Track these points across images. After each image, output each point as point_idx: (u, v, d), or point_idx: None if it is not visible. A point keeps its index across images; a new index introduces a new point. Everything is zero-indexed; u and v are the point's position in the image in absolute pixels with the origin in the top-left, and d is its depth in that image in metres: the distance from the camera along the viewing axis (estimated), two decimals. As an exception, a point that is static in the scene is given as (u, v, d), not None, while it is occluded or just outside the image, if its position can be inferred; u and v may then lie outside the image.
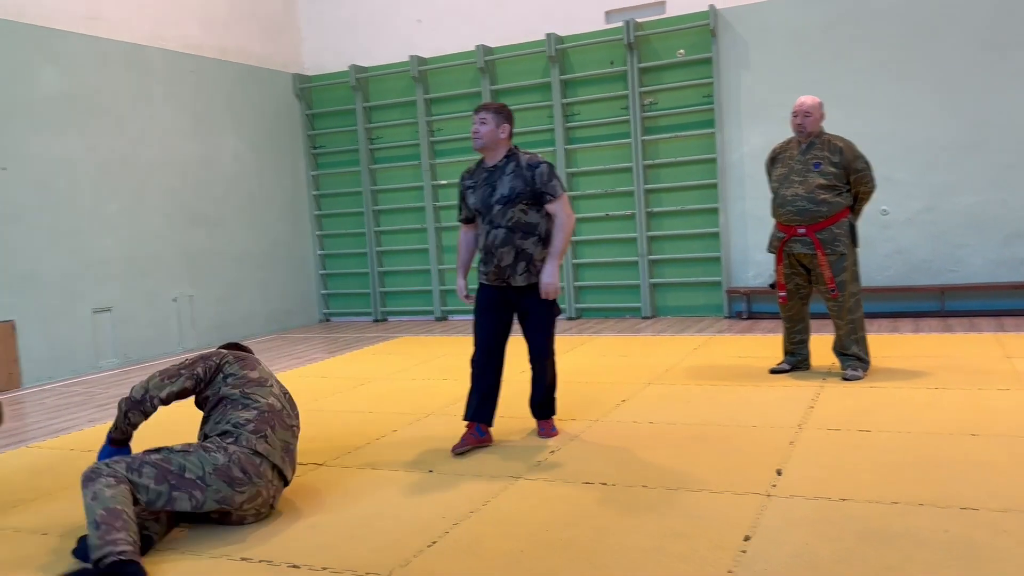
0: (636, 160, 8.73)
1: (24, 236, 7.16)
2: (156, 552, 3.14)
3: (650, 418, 4.67)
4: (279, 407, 3.51)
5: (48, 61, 7.44)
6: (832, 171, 5.17)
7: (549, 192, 4.11)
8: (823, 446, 3.93)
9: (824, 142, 5.26)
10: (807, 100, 5.27)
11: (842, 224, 5.20)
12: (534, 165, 4.13)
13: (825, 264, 5.17)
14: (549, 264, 4.13)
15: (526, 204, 4.11)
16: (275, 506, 3.48)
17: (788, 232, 5.28)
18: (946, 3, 7.64)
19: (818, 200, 5.15)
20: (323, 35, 10.31)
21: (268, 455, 3.33)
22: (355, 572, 2.87)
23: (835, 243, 5.17)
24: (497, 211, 4.12)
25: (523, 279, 4.16)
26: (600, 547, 2.95)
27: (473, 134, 4.17)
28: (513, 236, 4.10)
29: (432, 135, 9.74)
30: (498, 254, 4.13)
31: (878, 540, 2.83)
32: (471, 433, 4.27)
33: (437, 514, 3.37)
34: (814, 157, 5.22)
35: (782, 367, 5.59)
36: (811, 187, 5.17)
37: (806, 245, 5.23)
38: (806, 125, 5.25)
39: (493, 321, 4.29)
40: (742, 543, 2.89)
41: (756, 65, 8.33)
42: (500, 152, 4.18)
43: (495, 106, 4.19)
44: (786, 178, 5.30)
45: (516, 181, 4.10)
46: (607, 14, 8.94)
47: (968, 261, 7.75)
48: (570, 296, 9.18)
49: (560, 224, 4.14)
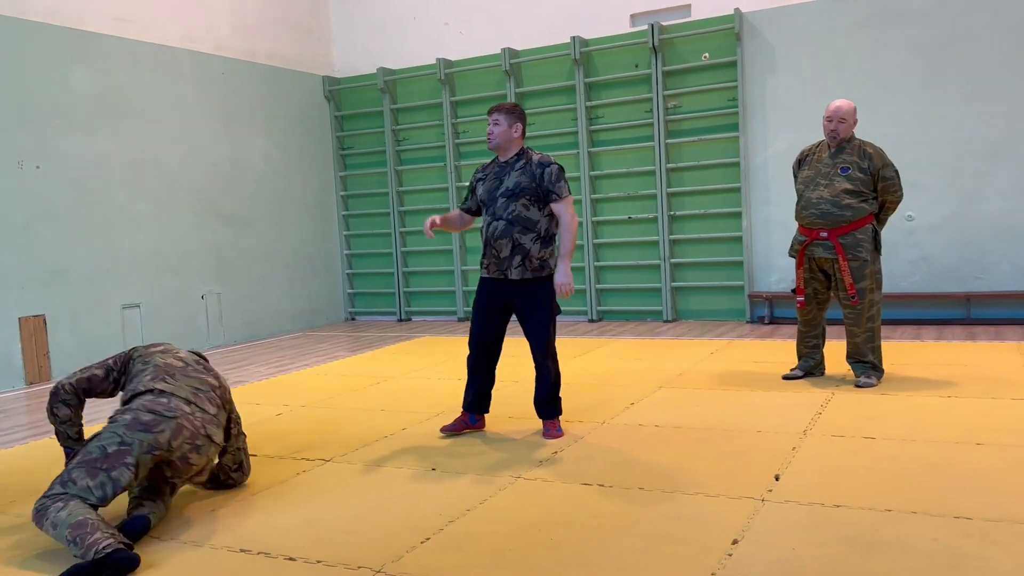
0: (659, 163, 8.72)
1: (56, 233, 7.36)
2: (158, 542, 3.24)
3: (656, 421, 4.68)
4: (180, 366, 3.57)
5: (80, 62, 7.65)
6: (860, 177, 5.11)
7: (556, 192, 4.24)
8: (825, 452, 3.92)
9: (854, 147, 5.20)
10: (843, 105, 5.18)
11: (866, 230, 5.14)
12: (545, 164, 4.28)
13: (847, 270, 5.11)
14: (561, 264, 4.26)
15: (529, 200, 4.24)
16: (218, 440, 3.49)
17: (810, 235, 5.24)
18: (976, 5, 7.53)
19: (842, 204, 5.10)
20: (353, 38, 10.45)
21: (173, 391, 3.41)
22: (348, 566, 2.94)
23: (857, 248, 5.11)
24: (500, 203, 4.27)
25: (518, 272, 4.27)
26: (589, 547, 2.98)
27: (488, 135, 4.36)
28: (512, 229, 4.24)
29: (458, 137, 9.82)
30: (496, 245, 4.29)
31: (865, 547, 2.83)
32: (463, 419, 4.58)
33: (434, 511, 3.43)
34: (843, 161, 5.16)
35: (795, 373, 5.53)
36: (836, 191, 5.11)
37: (827, 249, 5.18)
38: (840, 131, 5.18)
39: (487, 322, 4.45)
40: (730, 547, 2.91)
41: (781, 69, 8.28)
42: (512, 150, 4.35)
43: (507, 107, 4.34)
44: (812, 180, 5.26)
45: (523, 177, 4.25)
46: (632, 17, 8.95)
47: (995, 268, 7.63)
48: (591, 298, 9.20)
49: (566, 225, 4.27)
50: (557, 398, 4.51)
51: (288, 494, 3.76)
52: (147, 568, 3.01)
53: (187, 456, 3.38)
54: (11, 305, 7.00)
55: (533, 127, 9.43)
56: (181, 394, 3.45)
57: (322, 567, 2.95)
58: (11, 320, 6.99)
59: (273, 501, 3.68)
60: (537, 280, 4.32)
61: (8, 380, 6.95)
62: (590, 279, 9.17)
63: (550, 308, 4.36)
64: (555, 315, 4.41)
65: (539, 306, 4.33)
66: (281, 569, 2.95)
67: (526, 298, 4.33)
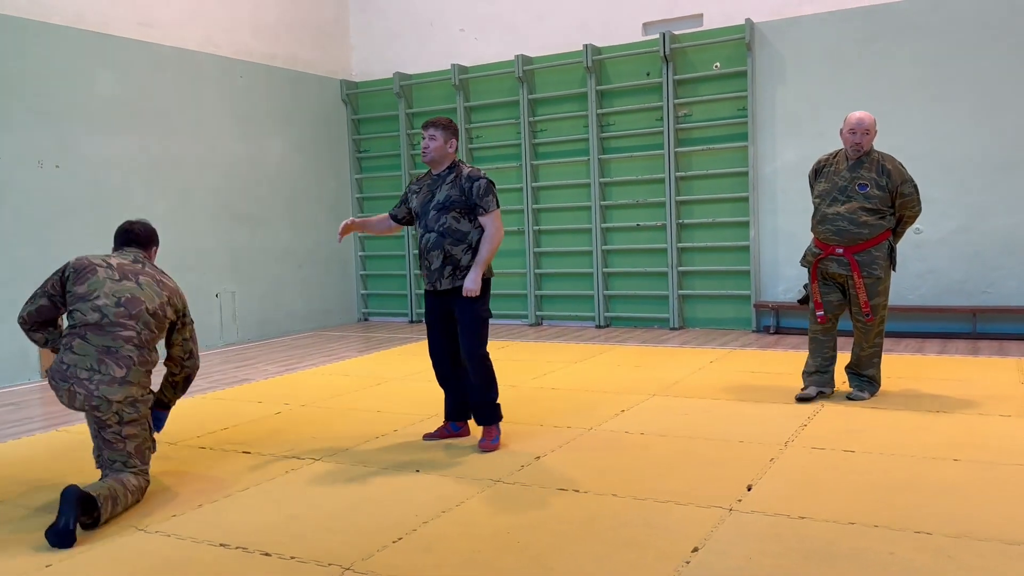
0: (669, 171, 8.78)
1: (74, 231, 7.57)
2: (143, 535, 3.38)
3: (642, 429, 4.75)
4: (96, 319, 3.71)
5: (104, 65, 7.86)
6: (878, 194, 5.01)
7: (482, 206, 4.39)
8: (802, 464, 3.97)
9: (873, 161, 5.08)
10: (866, 117, 5.07)
11: (882, 247, 5.07)
12: (474, 178, 4.41)
13: (862, 287, 5.04)
14: (473, 271, 4.35)
15: (459, 212, 4.38)
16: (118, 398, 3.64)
17: (825, 250, 5.15)
18: (987, 20, 7.51)
19: (859, 222, 5.01)
20: (371, 43, 10.61)
21: (77, 361, 3.66)
22: (319, 562, 3.05)
23: (872, 266, 5.04)
24: (432, 216, 4.41)
25: (448, 283, 4.40)
26: (554, 552, 3.07)
27: (423, 149, 4.45)
28: (443, 241, 4.37)
29: (471, 142, 9.93)
30: (429, 257, 4.42)
31: (821, 559, 2.89)
32: (445, 427, 4.70)
33: (411, 512, 3.53)
34: (861, 178, 5.05)
35: (808, 393, 5.24)
36: (854, 208, 5.02)
37: (842, 266, 5.10)
38: (864, 144, 5.06)
39: (438, 335, 4.58)
40: (689, 554, 2.98)
41: (791, 79, 8.30)
42: (445, 164, 4.48)
43: (443, 122, 4.45)
44: (828, 194, 5.14)
45: (453, 190, 4.39)
46: (645, 26, 9.01)
47: (1002, 283, 7.60)
48: (599, 304, 9.27)
49: (488, 236, 4.40)
50: (494, 404, 4.50)
51: (274, 491, 3.89)
52: (128, 559, 3.14)
53: (92, 412, 3.67)
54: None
55: (545, 133, 9.54)
56: (84, 364, 3.66)
57: (295, 563, 3.06)
58: (28, 315, 7.21)
59: (258, 498, 3.81)
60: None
61: (24, 373, 7.17)
62: (598, 285, 9.25)
63: (479, 311, 4.42)
64: (485, 316, 4.47)
65: (468, 310, 4.41)
66: (255, 564, 3.07)
67: (457, 304, 4.43)
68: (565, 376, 6.47)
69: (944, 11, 7.65)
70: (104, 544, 3.30)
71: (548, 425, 4.92)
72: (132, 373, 3.72)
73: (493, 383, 4.51)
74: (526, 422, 5.01)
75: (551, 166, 9.53)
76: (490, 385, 4.49)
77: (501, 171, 9.80)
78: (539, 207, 9.61)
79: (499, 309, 9.98)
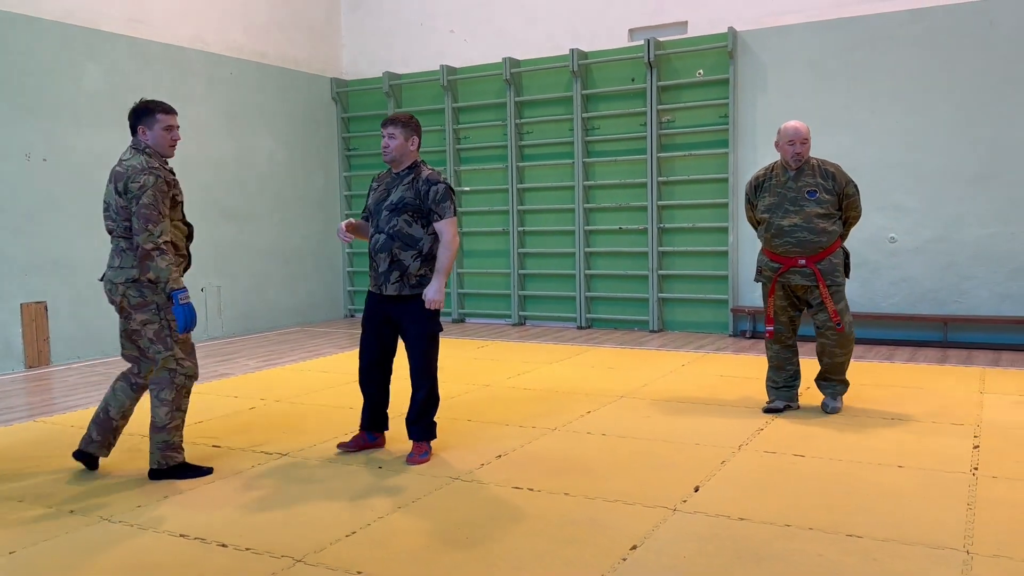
0: (651, 176, 8.89)
1: (60, 223, 7.68)
2: (107, 524, 3.50)
3: (605, 430, 4.87)
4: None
5: (93, 60, 7.97)
6: (828, 199, 4.99)
7: (439, 212, 4.18)
8: (750, 468, 4.09)
9: (813, 168, 5.05)
10: (803, 127, 5.03)
11: (838, 253, 5.08)
12: (433, 182, 4.21)
13: (828, 296, 4.97)
14: (435, 281, 4.19)
15: (411, 215, 4.18)
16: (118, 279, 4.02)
17: (786, 263, 5.04)
18: (965, 34, 7.62)
19: (818, 230, 4.96)
20: (362, 42, 10.72)
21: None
22: (272, 554, 3.17)
23: (835, 273, 5.02)
24: (384, 216, 4.22)
25: (394, 288, 4.21)
26: (499, 547, 3.19)
27: (383, 148, 4.25)
28: (392, 243, 4.19)
29: (458, 142, 10.05)
30: (377, 259, 4.25)
31: (752, 560, 3.01)
32: (361, 436, 4.52)
33: (367, 507, 3.65)
34: (807, 185, 5.01)
35: (776, 405, 5.19)
36: (809, 217, 4.97)
37: (806, 277, 5.02)
38: (803, 154, 5.03)
39: (372, 339, 4.40)
40: (628, 552, 3.10)
41: (772, 88, 8.41)
42: (406, 162, 4.28)
43: (402, 119, 4.25)
44: (778, 207, 5.05)
45: (408, 192, 4.20)
46: (630, 32, 9.12)
47: (974, 293, 7.72)
48: (580, 306, 9.39)
49: (446, 243, 4.20)
50: (430, 422, 4.37)
51: (239, 485, 4.00)
52: (90, 549, 3.26)
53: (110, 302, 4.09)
54: (14, 291, 7.33)
55: (531, 135, 9.65)
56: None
57: (249, 554, 3.18)
58: (13, 306, 7.32)
59: (222, 491, 3.92)
60: (416, 297, 4.23)
61: (7, 363, 7.28)
62: (580, 287, 9.37)
63: (429, 324, 4.26)
64: (435, 332, 4.30)
65: (418, 323, 4.24)
66: (211, 554, 3.19)
67: (405, 315, 4.26)
68: (540, 376, 6.59)
69: (923, 24, 7.77)
70: (68, 534, 3.42)
71: (514, 424, 5.04)
72: (124, 259, 4.01)
73: (435, 402, 4.37)
74: (494, 421, 5.13)
75: (536, 168, 9.64)
76: (432, 405, 4.36)
77: (487, 172, 9.92)
78: (524, 208, 9.72)
79: (483, 309, 10.11)
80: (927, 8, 7.76)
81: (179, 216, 4.12)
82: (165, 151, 4.09)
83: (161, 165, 4.04)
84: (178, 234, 4.11)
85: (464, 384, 6.28)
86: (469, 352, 7.82)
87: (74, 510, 3.69)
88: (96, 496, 3.87)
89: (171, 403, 4.02)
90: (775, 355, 5.24)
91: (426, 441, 4.38)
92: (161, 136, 4.06)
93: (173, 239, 4.03)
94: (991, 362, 6.88)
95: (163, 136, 4.06)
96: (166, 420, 4.03)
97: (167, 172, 4.04)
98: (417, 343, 4.29)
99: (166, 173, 4.03)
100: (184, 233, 4.16)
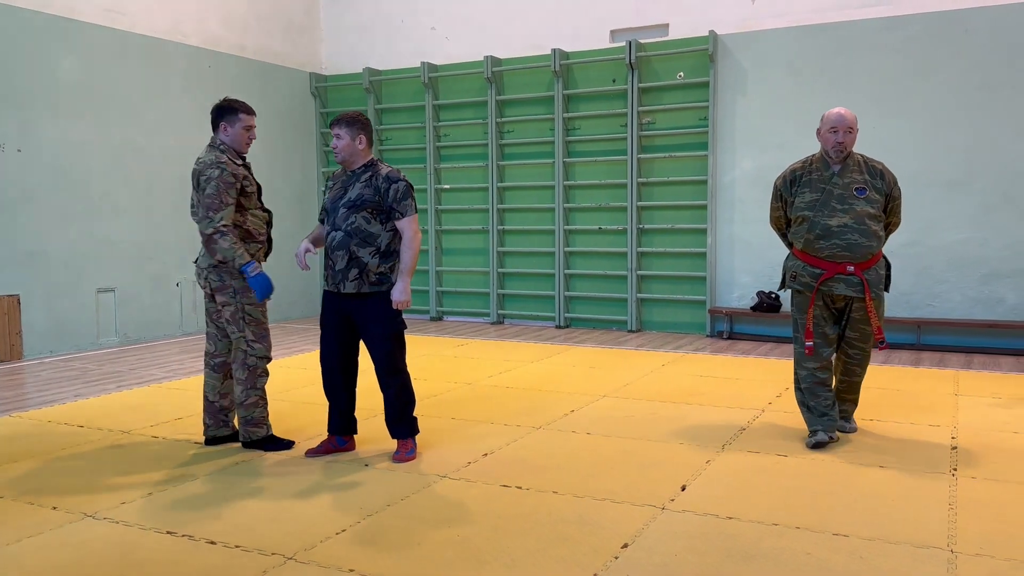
0: (631, 177, 8.94)
1: (34, 216, 7.56)
2: (92, 520, 3.45)
3: (589, 429, 4.89)
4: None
5: (69, 51, 7.84)
6: (877, 198, 4.39)
7: (400, 210, 4.14)
8: (736, 467, 4.13)
9: (858, 163, 4.45)
10: (848, 114, 4.40)
11: (882, 263, 4.51)
12: (393, 179, 4.16)
13: (873, 310, 4.39)
14: (401, 281, 4.14)
15: (370, 212, 4.12)
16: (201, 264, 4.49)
17: (831, 269, 4.38)
18: (941, 42, 7.75)
19: (870, 232, 4.34)
20: (342, 37, 10.66)
21: None
22: (262, 552, 3.15)
23: (879, 285, 4.46)
24: (341, 214, 4.16)
25: (353, 286, 4.14)
26: (490, 545, 3.19)
27: (333, 149, 4.21)
28: (350, 241, 4.12)
29: (439, 140, 10.03)
30: (333, 256, 4.18)
31: (742, 558, 3.04)
32: (330, 441, 4.43)
33: (356, 505, 3.64)
34: (856, 182, 4.39)
35: (821, 438, 4.42)
36: (860, 217, 4.34)
37: (852, 286, 4.38)
38: (847, 144, 4.38)
39: (332, 340, 4.31)
40: (619, 550, 3.12)
41: (752, 91, 8.50)
42: (359, 161, 4.23)
43: (348, 118, 4.19)
44: (824, 204, 4.39)
45: (367, 189, 4.14)
46: (612, 33, 9.16)
47: (946, 297, 7.86)
48: (560, 305, 9.42)
49: (408, 241, 4.15)
50: (410, 417, 4.31)
51: (224, 481, 3.97)
52: (75, 545, 3.22)
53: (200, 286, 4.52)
54: (-14, 284, 7.20)
55: (512, 134, 9.66)
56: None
57: (239, 552, 3.16)
58: (-15, 299, 7.19)
59: (208, 487, 3.89)
60: (376, 295, 4.17)
61: (-21, 357, 7.15)
62: (560, 286, 9.40)
63: (392, 324, 4.20)
64: (400, 330, 4.25)
65: (379, 322, 4.18)
66: (200, 551, 3.16)
67: (365, 313, 4.19)
68: (521, 375, 6.60)
69: (899, 31, 7.89)
70: (53, 531, 3.37)
71: (499, 423, 5.05)
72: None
73: (410, 398, 4.31)
74: (478, 419, 5.13)
75: (517, 167, 9.65)
76: (407, 401, 4.29)
77: (467, 170, 9.91)
78: (504, 207, 9.72)
79: (461, 307, 10.10)
80: (904, 16, 7.88)
81: (255, 204, 4.45)
82: (241, 148, 4.46)
83: (231, 159, 4.37)
84: (256, 221, 4.46)
85: (446, 382, 6.28)
86: (449, 350, 7.81)
87: (56, 507, 3.64)
88: (79, 492, 3.82)
89: (244, 382, 4.40)
90: (810, 375, 4.52)
91: (411, 437, 4.34)
92: (240, 135, 4.45)
93: (250, 225, 4.41)
94: (964, 364, 7.01)
95: (242, 135, 4.45)
96: (242, 398, 4.42)
97: (236, 166, 4.36)
98: (381, 343, 4.21)
99: (235, 167, 4.35)
100: (264, 220, 4.51)
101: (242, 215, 4.37)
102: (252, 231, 4.42)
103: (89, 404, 5.68)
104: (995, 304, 7.68)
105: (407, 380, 4.33)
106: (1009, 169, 7.61)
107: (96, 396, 5.94)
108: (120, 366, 7.16)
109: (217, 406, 4.57)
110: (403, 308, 4.18)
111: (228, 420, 4.62)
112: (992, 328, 7.60)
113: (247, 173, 4.40)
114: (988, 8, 7.59)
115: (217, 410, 4.58)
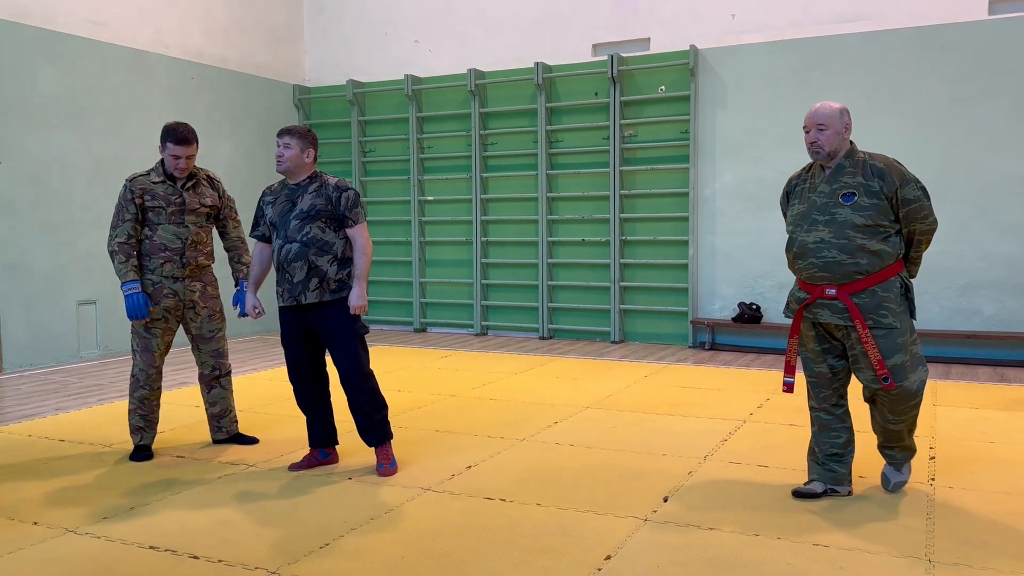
0: (613, 189, 9.01)
1: (14, 228, 7.51)
2: (73, 536, 3.43)
3: (572, 440, 4.92)
4: None
5: (49, 62, 7.82)
6: (872, 203, 3.61)
7: (352, 218, 4.22)
8: (717, 478, 4.17)
9: (857, 164, 3.69)
10: (822, 107, 3.72)
11: (891, 284, 3.65)
12: (343, 188, 4.23)
13: (869, 342, 3.60)
14: (357, 286, 4.20)
15: (324, 222, 4.18)
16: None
17: (813, 292, 3.74)
18: (917, 56, 7.88)
19: (853, 248, 3.60)
20: (325, 49, 10.68)
21: None
22: (246, 566, 3.15)
23: (880, 311, 3.61)
24: (294, 226, 4.18)
25: (315, 295, 4.17)
26: (473, 558, 3.20)
27: (277, 157, 4.23)
28: (307, 251, 4.15)
29: (422, 152, 10.06)
30: (290, 268, 4.18)
31: (723, 568, 3.08)
32: (312, 455, 4.45)
33: (340, 518, 3.64)
34: (844, 186, 3.66)
35: (812, 488, 3.86)
36: (840, 229, 3.63)
37: (837, 312, 3.67)
38: (823, 143, 3.69)
39: (299, 355, 4.34)
40: (602, 562, 3.14)
41: (732, 105, 8.59)
42: (303, 174, 4.27)
43: (300, 131, 4.24)
44: (806, 217, 3.75)
45: (318, 199, 4.18)
46: (594, 47, 9.24)
47: (925, 308, 7.95)
48: (543, 316, 9.45)
49: (360, 248, 4.23)
50: (383, 422, 4.31)
51: (208, 495, 3.96)
52: (58, 560, 3.20)
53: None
54: (-35, 297, 7.14)
55: (495, 147, 9.70)
56: None
57: (222, 566, 3.15)
58: (-36, 312, 7.13)
59: (190, 502, 3.88)
60: (336, 302, 4.21)
61: (-42, 370, 7.09)
62: (543, 297, 9.43)
63: (353, 329, 4.24)
64: (362, 334, 4.28)
65: (342, 328, 4.21)
66: (183, 566, 3.15)
67: (327, 322, 4.22)
68: (505, 387, 6.62)
69: (877, 45, 8.01)
70: (35, 547, 3.35)
71: (482, 435, 5.06)
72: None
73: (381, 402, 4.32)
74: (461, 432, 5.14)
75: (500, 179, 9.70)
76: (378, 405, 4.30)
77: (451, 182, 9.94)
78: (487, 219, 9.76)
79: (445, 318, 10.12)
80: (880, 31, 8.01)
81: (165, 220, 4.56)
82: (172, 172, 4.63)
83: (150, 174, 4.61)
84: (167, 235, 4.57)
85: (430, 394, 6.29)
86: (432, 362, 7.82)
87: (37, 522, 3.62)
88: (60, 507, 3.80)
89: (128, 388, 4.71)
90: (814, 416, 3.95)
91: (387, 442, 4.33)
92: (168, 160, 4.61)
93: (159, 239, 4.54)
94: (942, 375, 7.10)
95: (169, 160, 4.60)
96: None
97: (153, 183, 4.57)
98: (346, 347, 4.22)
99: (144, 182, 4.57)
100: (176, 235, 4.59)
101: (151, 229, 4.55)
102: (160, 245, 4.56)
103: (70, 417, 5.64)
104: (972, 315, 7.79)
105: (375, 384, 4.32)
106: (984, 182, 7.73)
107: (77, 409, 5.91)
108: (101, 379, 7.12)
109: (209, 414, 4.91)
110: (361, 313, 4.23)
111: (222, 426, 4.91)
112: (970, 339, 7.71)
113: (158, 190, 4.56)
114: (962, 24, 7.73)
115: (209, 417, 4.92)
